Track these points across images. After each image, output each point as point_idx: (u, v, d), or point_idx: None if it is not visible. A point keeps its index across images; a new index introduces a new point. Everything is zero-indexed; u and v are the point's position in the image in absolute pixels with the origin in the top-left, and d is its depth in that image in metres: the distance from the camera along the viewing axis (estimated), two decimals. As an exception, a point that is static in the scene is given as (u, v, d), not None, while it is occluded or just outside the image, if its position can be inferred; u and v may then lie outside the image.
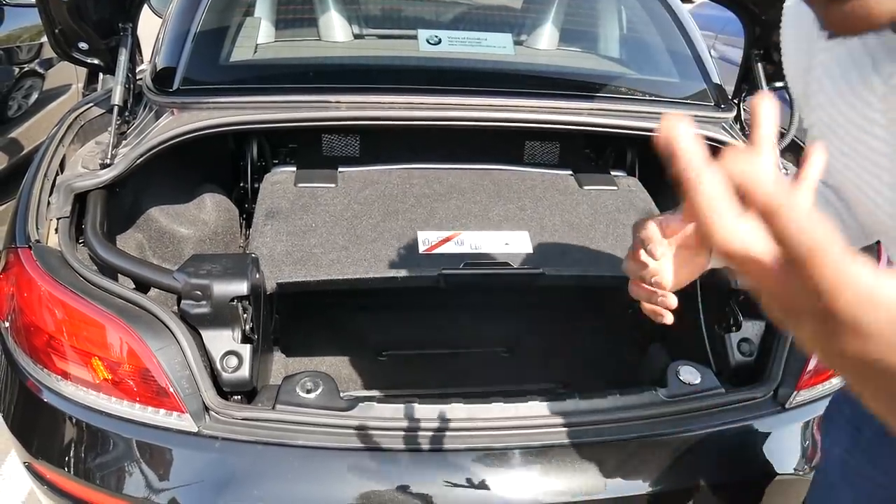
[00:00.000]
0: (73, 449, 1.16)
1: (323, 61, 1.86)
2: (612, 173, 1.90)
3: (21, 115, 3.41)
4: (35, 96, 3.56)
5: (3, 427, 1.24)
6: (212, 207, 1.74)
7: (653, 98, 1.74)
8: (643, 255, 0.80)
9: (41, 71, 3.64)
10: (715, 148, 1.61)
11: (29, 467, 1.25)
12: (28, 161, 3.38)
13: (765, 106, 0.45)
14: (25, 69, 3.51)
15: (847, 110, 0.70)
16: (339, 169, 1.76)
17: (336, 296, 1.87)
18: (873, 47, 0.66)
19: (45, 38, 3.54)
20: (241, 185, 1.89)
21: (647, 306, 0.81)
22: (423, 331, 1.88)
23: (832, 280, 0.39)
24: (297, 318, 1.83)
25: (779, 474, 1.24)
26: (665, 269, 0.84)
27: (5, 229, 2.23)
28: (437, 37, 1.81)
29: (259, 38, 1.89)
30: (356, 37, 2.04)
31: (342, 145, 1.93)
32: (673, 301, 0.80)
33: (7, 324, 1.28)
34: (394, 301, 1.90)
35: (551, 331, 1.89)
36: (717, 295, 1.41)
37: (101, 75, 4.05)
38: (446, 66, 1.76)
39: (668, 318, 0.81)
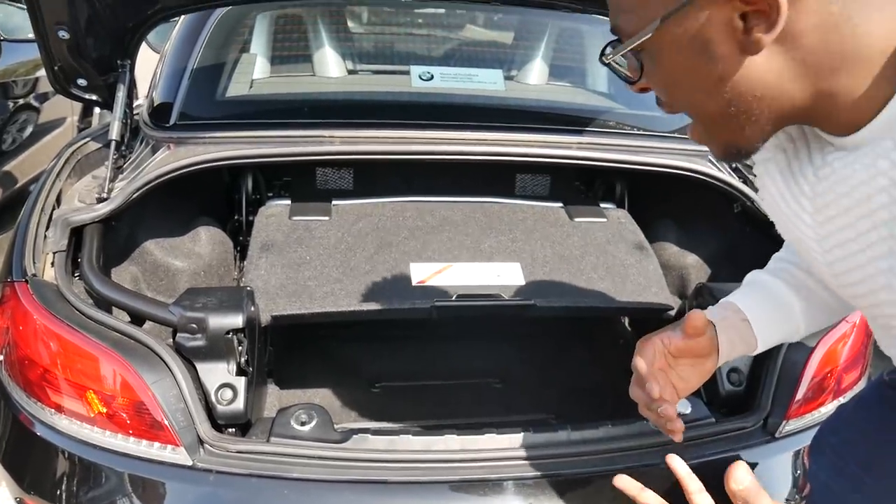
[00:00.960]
0: (65, 483, 1.16)
1: (317, 96, 1.90)
2: (602, 205, 1.93)
3: (16, 148, 3.43)
4: (30, 129, 3.58)
5: None
6: (206, 240, 1.75)
7: (641, 132, 1.78)
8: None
9: (36, 105, 3.67)
10: (701, 180, 1.64)
11: (20, 503, 1.25)
12: (23, 194, 3.38)
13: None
14: (21, 103, 3.54)
15: (788, 196, 0.75)
16: (333, 202, 1.78)
17: (329, 327, 1.88)
18: (809, 138, 0.72)
19: (40, 73, 3.58)
20: (236, 217, 1.90)
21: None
22: (416, 362, 1.89)
23: None
24: (291, 349, 1.83)
25: (771, 504, 1.25)
26: (674, 382, 0.94)
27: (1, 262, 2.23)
28: (429, 73, 1.86)
29: (255, 73, 1.92)
30: (350, 72, 2.08)
31: (336, 178, 1.96)
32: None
33: (1, 357, 1.28)
34: (386, 332, 1.91)
35: (543, 362, 1.90)
36: None
37: (96, 109, 4.09)
38: (439, 102, 1.80)
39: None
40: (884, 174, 0.61)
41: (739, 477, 0.89)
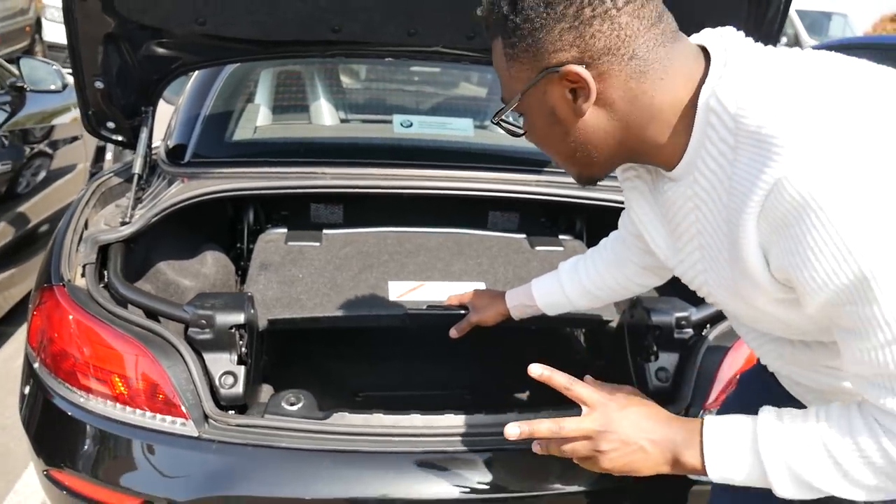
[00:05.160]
0: (92, 454, 1.37)
1: (312, 140, 2.18)
2: (562, 237, 2.19)
3: (30, 190, 3.67)
4: (43, 174, 3.83)
5: (14, 449, 1.41)
6: (212, 262, 2.00)
7: None
8: None
9: (50, 151, 3.93)
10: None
11: (48, 475, 1.45)
12: (34, 234, 3.58)
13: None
14: (36, 150, 3.80)
15: (650, 214, 1.02)
16: (324, 231, 2.04)
17: (317, 343, 2.11)
18: (658, 171, 0.97)
19: (55, 121, 3.87)
20: (238, 245, 2.16)
21: None
22: (394, 375, 2.10)
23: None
24: (283, 363, 2.06)
25: (693, 483, 1.47)
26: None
27: (19, 288, 2.47)
28: (409, 121, 2.14)
29: (258, 121, 2.21)
30: (342, 121, 2.36)
31: (327, 213, 2.22)
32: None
33: (35, 353, 1.50)
34: (368, 349, 2.14)
35: (506, 376, 2.12)
36: (637, 331, 1.66)
37: (107, 155, 4.38)
38: (416, 145, 2.08)
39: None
40: (689, 199, 0.88)
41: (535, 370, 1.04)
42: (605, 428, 0.96)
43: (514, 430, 1.00)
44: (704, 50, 0.86)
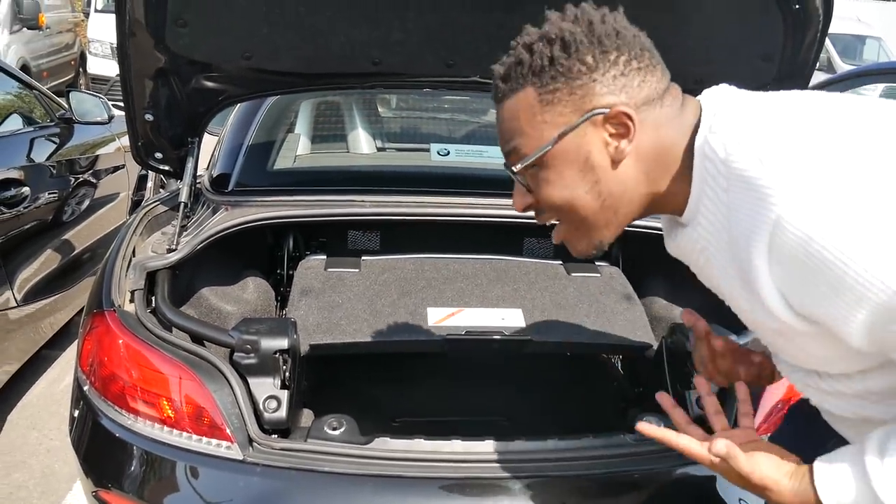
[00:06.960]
0: (139, 476, 1.40)
1: (350, 169, 2.23)
2: (597, 263, 2.19)
3: (74, 219, 3.78)
4: (87, 203, 3.95)
5: (59, 471, 1.44)
6: (253, 289, 2.04)
7: None
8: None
9: (93, 181, 4.06)
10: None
11: (96, 496, 1.48)
12: (78, 261, 3.66)
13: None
14: (80, 179, 3.92)
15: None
16: (363, 258, 2.07)
17: (355, 369, 2.13)
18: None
19: (100, 151, 4.00)
20: (278, 272, 2.20)
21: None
22: (432, 401, 2.11)
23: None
24: (323, 388, 2.08)
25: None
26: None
27: (64, 313, 2.53)
28: (446, 149, 2.18)
29: (298, 150, 2.27)
30: (379, 150, 2.41)
31: (365, 240, 2.26)
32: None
33: (85, 376, 1.55)
34: (405, 374, 2.15)
35: (544, 402, 2.12)
36: (677, 358, 1.66)
37: (149, 184, 4.51)
38: (453, 173, 2.11)
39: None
40: (696, 241, 0.91)
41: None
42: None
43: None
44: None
